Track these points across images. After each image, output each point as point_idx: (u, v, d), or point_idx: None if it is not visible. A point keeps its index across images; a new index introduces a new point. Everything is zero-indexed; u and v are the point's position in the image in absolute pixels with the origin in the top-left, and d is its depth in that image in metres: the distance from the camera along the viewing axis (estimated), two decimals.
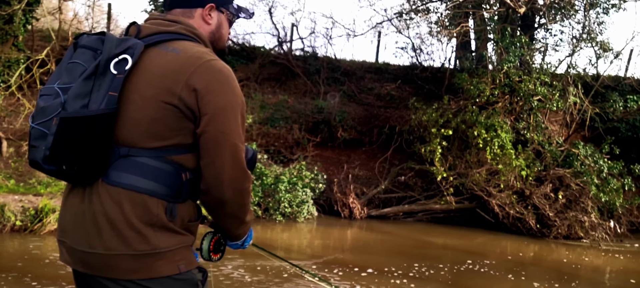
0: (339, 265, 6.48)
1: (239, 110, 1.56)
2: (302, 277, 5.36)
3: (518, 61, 10.87)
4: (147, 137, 1.51)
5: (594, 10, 11.54)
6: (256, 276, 5.54)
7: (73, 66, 1.51)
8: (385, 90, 13.41)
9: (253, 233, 1.86)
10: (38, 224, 6.65)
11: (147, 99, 1.50)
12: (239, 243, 1.79)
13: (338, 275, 5.95)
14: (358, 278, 5.89)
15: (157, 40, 1.57)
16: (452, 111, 10.70)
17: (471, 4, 11.76)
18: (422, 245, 8.38)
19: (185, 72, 1.50)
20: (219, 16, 1.74)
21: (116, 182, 1.49)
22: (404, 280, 5.99)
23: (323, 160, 11.19)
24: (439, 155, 10.05)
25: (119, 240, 1.47)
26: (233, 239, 1.76)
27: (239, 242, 1.78)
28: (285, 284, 5.37)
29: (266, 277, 5.53)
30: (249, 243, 1.86)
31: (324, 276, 5.83)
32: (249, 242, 1.84)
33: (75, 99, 1.44)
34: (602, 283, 7.17)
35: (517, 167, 9.85)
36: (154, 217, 1.49)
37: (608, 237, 9.55)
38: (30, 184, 7.89)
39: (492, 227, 9.93)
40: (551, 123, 11.89)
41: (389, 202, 10.60)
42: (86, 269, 1.54)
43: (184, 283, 1.55)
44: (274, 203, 9.09)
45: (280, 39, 14.12)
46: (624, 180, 10.27)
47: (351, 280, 5.79)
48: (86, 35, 1.57)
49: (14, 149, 9.12)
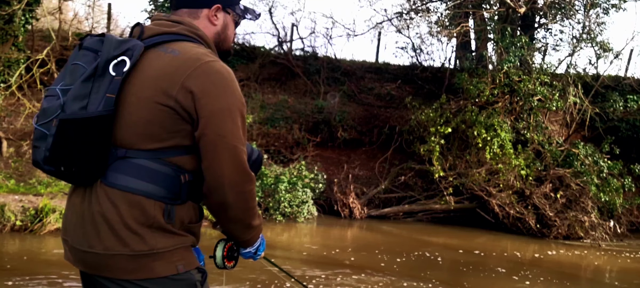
0: (339, 265, 6.48)
1: (238, 112, 1.55)
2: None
3: (518, 61, 10.86)
4: (144, 139, 1.51)
5: (594, 10, 11.53)
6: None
7: (75, 68, 1.52)
8: (385, 90, 13.42)
9: (265, 244, 1.80)
10: (38, 224, 6.65)
11: (143, 100, 1.50)
12: (251, 250, 1.74)
13: (338, 275, 5.95)
14: (358, 278, 5.89)
15: (158, 41, 1.57)
16: (451, 111, 10.70)
17: (471, 4, 11.76)
18: (422, 245, 8.38)
19: (181, 74, 1.50)
20: (225, 17, 1.74)
21: (113, 183, 1.50)
22: (403, 280, 5.99)
23: (323, 160, 11.19)
24: (438, 154, 10.05)
25: (116, 240, 1.48)
26: (243, 246, 1.73)
27: (251, 249, 1.74)
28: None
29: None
30: (261, 254, 1.80)
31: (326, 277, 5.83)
32: (261, 251, 1.79)
33: (74, 100, 1.45)
34: (602, 283, 7.17)
35: (517, 166, 9.86)
36: (150, 219, 1.49)
37: (608, 237, 9.55)
38: (30, 184, 7.90)
39: (492, 227, 9.93)
40: (551, 123, 11.89)
41: (389, 202, 10.60)
42: (86, 268, 1.56)
43: (182, 283, 1.54)
44: (274, 203, 9.09)
45: (281, 39, 14.14)
46: (624, 180, 10.26)
47: (351, 280, 5.79)
48: (89, 37, 1.58)
49: (14, 149, 9.12)
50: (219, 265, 1.72)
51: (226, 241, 1.72)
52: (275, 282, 5.35)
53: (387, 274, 6.19)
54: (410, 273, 6.34)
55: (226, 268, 1.73)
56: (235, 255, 1.75)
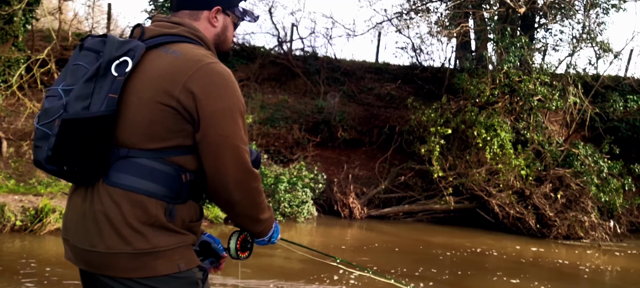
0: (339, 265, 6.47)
1: (239, 112, 1.57)
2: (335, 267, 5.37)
3: (518, 61, 10.87)
4: (145, 139, 1.52)
5: (594, 10, 11.54)
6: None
7: (77, 68, 1.53)
8: (385, 90, 13.42)
9: (279, 228, 1.85)
10: (38, 224, 6.66)
11: (145, 100, 1.51)
12: (265, 239, 1.79)
13: (338, 275, 5.95)
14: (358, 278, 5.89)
15: (159, 42, 1.58)
16: (451, 111, 10.70)
17: (471, 4, 11.76)
18: (422, 245, 8.38)
19: (183, 75, 1.51)
20: (225, 19, 1.76)
21: (115, 182, 1.51)
22: (403, 280, 5.99)
23: (323, 160, 11.19)
24: (437, 154, 10.06)
25: (118, 239, 1.49)
26: (256, 236, 1.77)
27: (265, 238, 1.78)
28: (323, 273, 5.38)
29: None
30: (277, 239, 1.85)
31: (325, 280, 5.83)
32: (276, 237, 1.83)
33: (77, 100, 1.46)
34: (602, 283, 7.18)
35: (517, 166, 9.86)
36: (152, 218, 1.50)
37: (608, 237, 9.55)
38: (30, 184, 7.90)
39: (492, 227, 9.93)
40: (551, 123, 11.89)
41: (389, 202, 10.60)
42: (88, 267, 1.56)
43: (183, 281, 1.55)
44: (274, 203, 9.10)
45: (280, 39, 14.15)
46: (624, 180, 10.27)
47: (351, 280, 5.79)
48: (91, 37, 1.59)
49: (14, 149, 9.12)
50: (233, 256, 1.77)
51: (240, 233, 1.76)
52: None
53: (387, 274, 6.19)
54: (410, 274, 6.35)
55: (240, 259, 1.78)
56: (248, 246, 1.80)
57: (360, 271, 2.14)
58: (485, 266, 7.15)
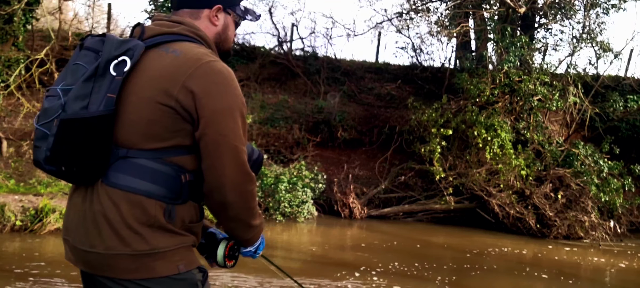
0: (339, 265, 6.48)
1: (239, 112, 1.55)
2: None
3: (518, 61, 10.87)
4: (144, 139, 1.51)
5: (594, 10, 11.54)
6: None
7: (76, 68, 1.53)
8: (385, 90, 13.41)
9: (265, 243, 1.83)
10: (38, 224, 6.65)
11: (144, 100, 1.50)
12: (251, 249, 1.76)
13: (338, 275, 5.95)
14: (358, 278, 5.89)
15: (159, 41, 1.57)
16: (452, 111, 10.70)
17: (471, 4, 11.75)
18: (422, 245, 8.38)
19: (182, 74, 1.50)
20: (226, 18, 1.75)
21: (114, 183, 1.50)
22: (404, 280, 5.99)
23: (323, 160, 11.18)
24: (438, 155, 10.05)
25: (117, 240, 1.48)
26: (244, 245, 1.74)
27: (251, 248, 1.75)
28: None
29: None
30: (260, 253, 1.82)
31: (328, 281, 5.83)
32: (261, 250, 1.81)
33: (75, 100, 1.45)
34: (602, 283, 7.17)
35: (517, 166, 9.85)
36: (151, 219, 1.49)
37: (608, 237, 9.54)
38: (30, 184, 7.90)
39: (492, 227, 9.92)
40: (551, 123, 11.89)
41: (389, 202, 10.60)
42: (88, 268, 1.56)
43: (183, 283, 1.55)
44: (274, 203, 9.09)
45: (280, 39, 14.14)
46: (624, 180, 10.26)
47: (351, 280, 5.79)
48: (90, 37, 1.58)
49: (14, 149, 9.12)
50: (220, 263, 1.74)
51: (228, 240, 1.74)
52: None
53: (387, 274, 6.19)
54: (410, 273, 6.34)
55: (226, 267, 1.75)
56: (236, 255, 1.77)
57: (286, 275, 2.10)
58: (485, 266, 7.14)
